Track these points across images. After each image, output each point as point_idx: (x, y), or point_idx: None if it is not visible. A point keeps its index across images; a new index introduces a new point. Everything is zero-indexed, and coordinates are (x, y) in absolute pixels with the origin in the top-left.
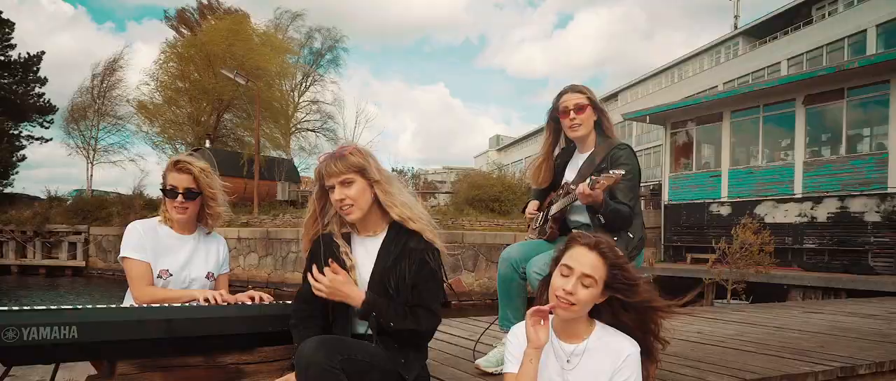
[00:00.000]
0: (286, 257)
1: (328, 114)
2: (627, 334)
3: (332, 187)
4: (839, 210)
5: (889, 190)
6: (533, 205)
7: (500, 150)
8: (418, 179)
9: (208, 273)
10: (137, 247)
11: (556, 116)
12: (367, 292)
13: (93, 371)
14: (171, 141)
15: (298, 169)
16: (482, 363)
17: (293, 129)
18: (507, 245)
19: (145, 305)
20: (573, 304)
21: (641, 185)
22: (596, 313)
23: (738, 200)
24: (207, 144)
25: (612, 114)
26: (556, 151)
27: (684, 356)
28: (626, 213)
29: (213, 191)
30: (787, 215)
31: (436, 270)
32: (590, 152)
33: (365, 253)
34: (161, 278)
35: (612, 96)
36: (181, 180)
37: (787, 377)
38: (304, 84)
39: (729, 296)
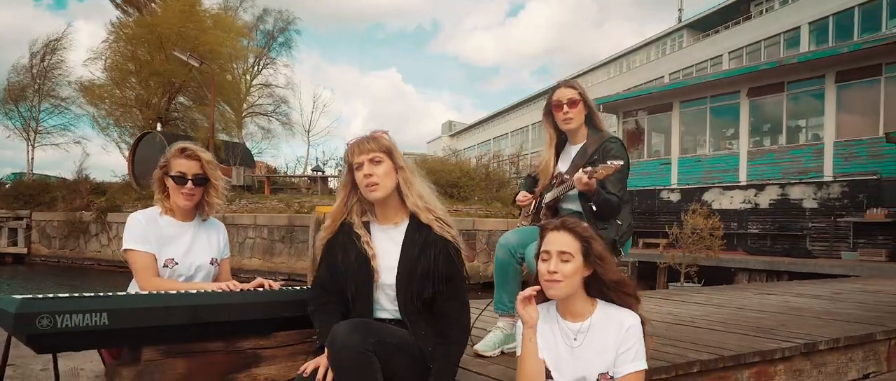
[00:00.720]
0: (243, 243)
1: (282, 98)
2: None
3: (360, 165)
4: (780, 197)
5: (825, 179)
6: (524, 194)
7: (452, 135)
8: None
9: (212, 259)
10: (141, 238)
11: (550, 110)
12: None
13: (95, 360)
14: (119, 124)
15: (252, 153)
16: (480, 347)
17: (246, 112)
18: (467, 231)
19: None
20: (559, 280)
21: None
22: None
23: (687, 187)
24: (159, 128)
25: None
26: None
27: (662, 336)
28: (616, 202)
29: (217, 178)
30: (732, 201)
31: (461, 261)
32: (582, 144)
33: (388, 241)
34: (167, 267)
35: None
36: (190, 167)
37: (759, 354)
38: (256, 67)
39: (682, 279)
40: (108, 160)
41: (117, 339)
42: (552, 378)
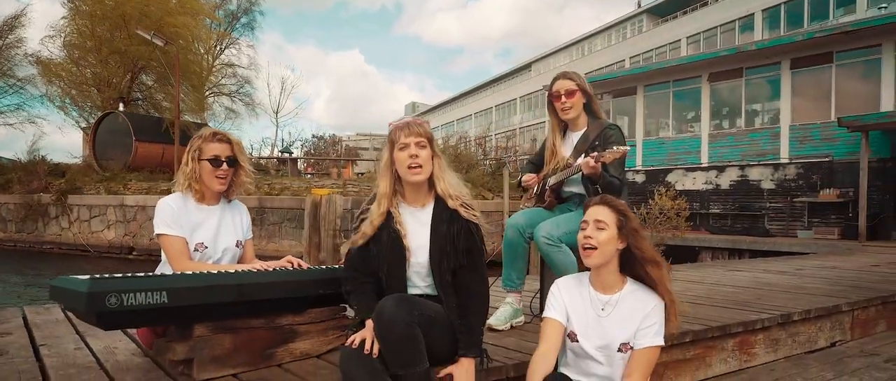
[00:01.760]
0: None
1: (245, 78)
2: (651, 288)
3: (406, 146)
4: (740, 178)
5: (781, 161)
6: (529, 176)
7: (415, 117)
8: (338, 145)
9: (237, 241)
10: (173, 223)
11: (551, 100)
12: (466, 353)
13: (124, 340)
14: (77, 104)
15: None
16: (492, 322)
17: (208, 93)
18: None
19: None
20: (595, 247)
21: None
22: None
23: (652, 168)
24: (121, 108)
25: (525, 84)
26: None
27: None
28: (617, 185)
29: (245, 160)
30: (695, 182)
31: (480, 238)
32: (583, 131)
33: (416, 222)
34: (198, 250)
35: (525, 67)
36: (223, 150)
37: (743, 324)
38: (218, 47)
39: None
40: (59, 140)
41: (174, 316)
42: (579, 342)
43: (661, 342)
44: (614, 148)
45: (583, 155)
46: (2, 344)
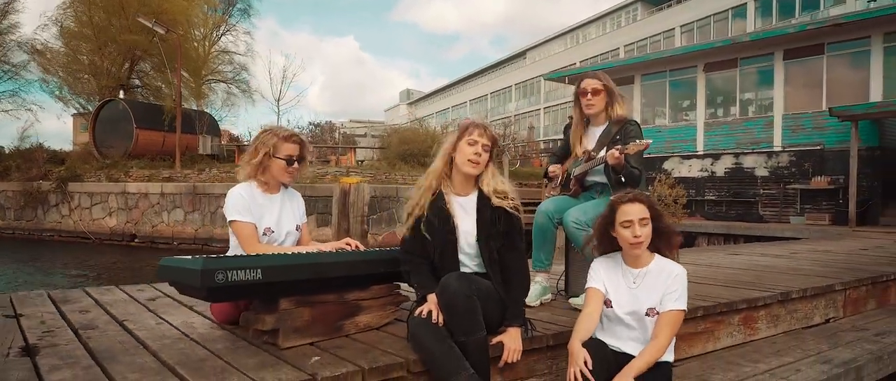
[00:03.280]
0: (215, 212)
1: (242, 65)
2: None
3: (475, 143)
4: (734, 166)
5: (774, 149)
6: (554, 168)
7: (411, 104)
8: (335, 132)
9: (297, 225)
10: (245, 210)
11: (577, 96)
12: (512, 323)
13: (195, 317)
14: (75, 93)
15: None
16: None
17: (204, 79)
18: None
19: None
20: (642, 242)
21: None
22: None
23: (649, 155)
24: (121, 95)
25: (520, 72)
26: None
27: None
28: (638, 175)
29: (308, 156)
30: (690, 169)
31: (518, 220)
32: (605, 126)
33: (461, 210)
34: (265, 235)
35: (520, 55)
36: (295, 150)
37: (747, 301)
38: (215, 34)
39: None
40: (50, 127)
41: (265, 290)
42: (613, 308)
43: (684, 307)
44: (637, 141)
45: (605, 148)
46: (88, 320)
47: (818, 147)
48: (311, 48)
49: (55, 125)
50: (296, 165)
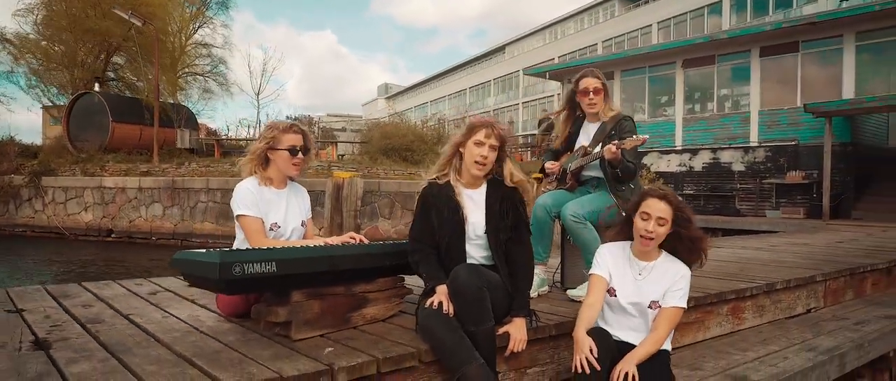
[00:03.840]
0: (195, 207)
1: (220, 58)
2: (681, 260)
3: (482, 143)
4: (712, 161)
5: (751, 144)
6: (552, 164)
7: (389, 98)
8: (314, 126)
9: (302, 221)
10: (253, 205)
11: (574, 92)
12: (518, 313)
13: (200, 310)
14: (47, 85)
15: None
16: None
17: (180, 73)
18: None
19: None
20: (653, 239)
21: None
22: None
23: None
24: (96, 88)
25: (500, 66)
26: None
27: None
28: (633, 169)
29: (312, 147)
30: (669, 164)
31: (525, 212)
32: (601, 122)
33: (471, 202)
34: (272, 230)
35: (499, 50)
36: (298, 140)
37: (735, 292)
38: (191, 26)
39: None
40: (18, 119)
41: (279, 283)
42: (617, 297)
43: (685, 305)
44: (634, 136)
45: (601, 144)
46: (93, 314)
47: (793, 143)
48: (288, 41)
49: (25, 118)
50: (300, 155)
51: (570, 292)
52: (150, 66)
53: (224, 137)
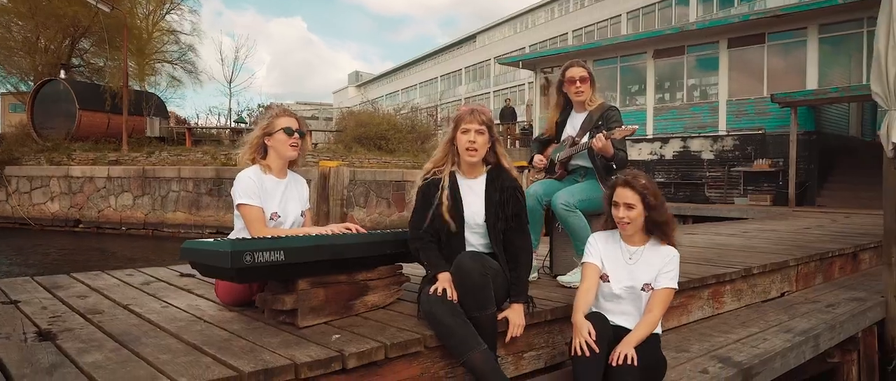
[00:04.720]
0: (166, 196)
1: (188, 45)
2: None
3: (468, 131)
4: (682, 149)
5: (719, 133)
6: (539, 158)
7: (359, 86)
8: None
9: (302, 211)
10: (253, 194)
11: (562, 83)
12: (516, 299)
13: (198, 300)
14: (8, 72)
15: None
16: None
17: (148, 60)
18: (396, 182)
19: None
20: (629, 222)
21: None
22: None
23: None
24: (62, 75)
25: (471, 54)
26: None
27: None
28: (623, 157)
29: (307, 131)
30: (640, 153)
31: (524, 202)
32: (588, 112)
33: (470, 191)
34: (272, 219)
35: (470, 38)
36: (292, 122)
37: (715, 277)
38: (158, 12)
39: None
40: None
41: (287, 271)
42: (610, 282)
43: (675, 286)
44: (624, 126)
45: (588, 134)
46: (91, 304)
47: (760, 132)
48: (256, 28)
49: None
50: (296, 135)
51: (561, 279)
52: (117, 51)
53: (195, 124)
